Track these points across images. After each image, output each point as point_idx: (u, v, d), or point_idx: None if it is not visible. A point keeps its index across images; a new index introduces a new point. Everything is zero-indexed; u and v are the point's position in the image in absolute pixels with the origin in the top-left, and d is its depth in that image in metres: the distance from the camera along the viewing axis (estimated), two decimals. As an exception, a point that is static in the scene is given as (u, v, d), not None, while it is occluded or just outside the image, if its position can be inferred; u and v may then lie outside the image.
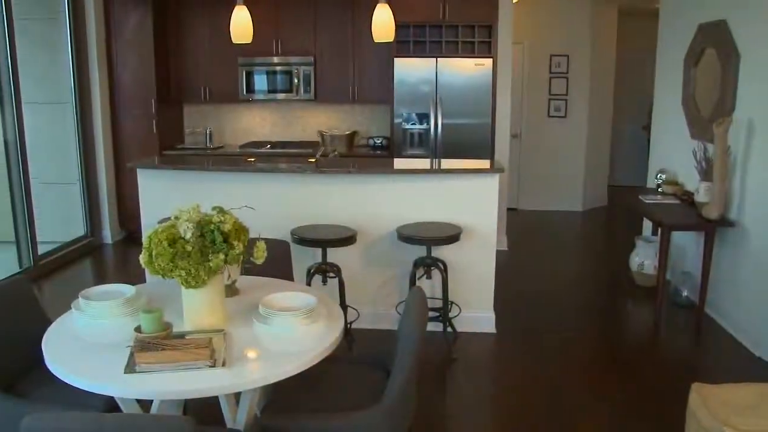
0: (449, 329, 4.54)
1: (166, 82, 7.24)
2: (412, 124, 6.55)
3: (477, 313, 4.77)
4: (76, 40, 6.80)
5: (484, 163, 5.07)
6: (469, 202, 4.61)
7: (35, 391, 2.66)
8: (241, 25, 4.44)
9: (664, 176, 5.88)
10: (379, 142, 7.08)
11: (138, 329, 2.42)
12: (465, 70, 6.41)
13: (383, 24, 4.38)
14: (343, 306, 4.29)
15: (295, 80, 7.04)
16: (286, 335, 2.54)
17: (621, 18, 9.11)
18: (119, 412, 2.41)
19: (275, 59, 7.07)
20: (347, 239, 4.27)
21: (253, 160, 5.29)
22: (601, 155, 9.34)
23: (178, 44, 7.25)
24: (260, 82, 7.12)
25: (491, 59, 6.38)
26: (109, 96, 7.16)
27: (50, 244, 6.50)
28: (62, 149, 6.96)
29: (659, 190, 5.77)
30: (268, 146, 7.14)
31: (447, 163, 5.04)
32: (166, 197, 4.83)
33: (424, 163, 5.33)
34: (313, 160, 4.93)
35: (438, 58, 6.41)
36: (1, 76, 5.78)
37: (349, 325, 4.40)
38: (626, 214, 8.62)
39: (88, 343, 2.56)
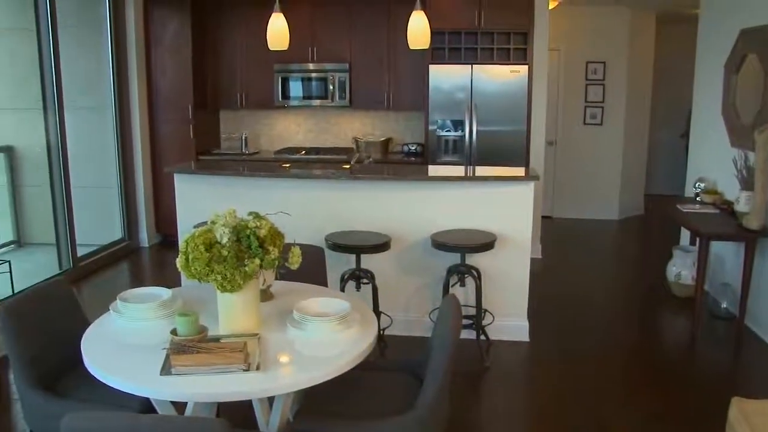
0: (482, 337, 4.51)
1: (203, 88, 7.34)
2: (447, 131, 6.53)
3: (510, 321, 4.73)
4: (116, 47, 6.94)
5: (519, 171, 5.04)
6: (504, 210, 4.58)
7: (74, 390, 2.70)
8: (277, 32, 4.48)
9: (702, 185, 5.78)
10: (413, 148, 7.08)
11: (174, 332, 2.45)
12: (500, 77, 6.38)
13: (419, 31, 4.38)
14: (377, 312, 4.29)
15: (331, 87, 7.08)
16: (320, 340, 2.55)
17: (659, 24, 9.00)
18: (154, 413, 2.44)
19: (311, 66, 7.12)
20: (381, 246, 4.28)
21: (288, 166, 5.32)
22: (638, 163, 9.21)
23: (216, 51, 7.35)
24: (296, 88, 7.18)
25: (527, 66, 6.34)
26: (148, 102, 7.28)
27: (88, 247, 6.63)
28: (101, 154, 7.09)
29: (698, 199, 5.68)
30: (303, 152, 7.19)
31: (481, 171, 5.01)
32: (202, 202, 4.89)
33: (459, 171, 5.31)
34: (348, 166, 4.95)
35: (473, 65, 6.39)
36: (45, 82, 5.92)
37: (382, 332, 4.40)
38: (663, 224, 8.47)
39: (125, 344, 2.60)
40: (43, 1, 5.81)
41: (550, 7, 6.63)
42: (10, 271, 5.39)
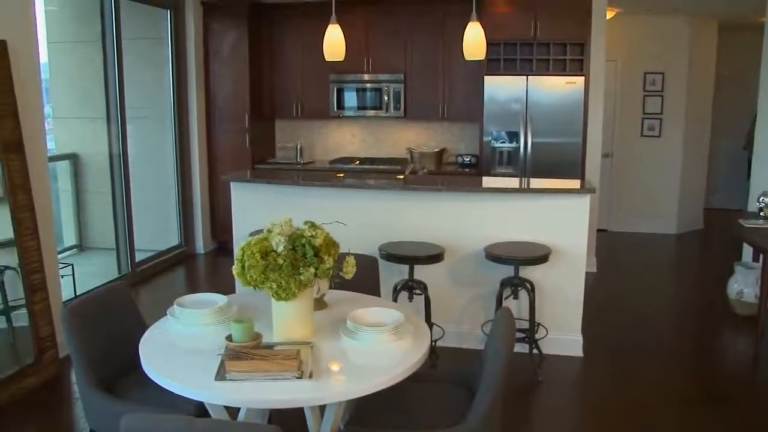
0: (535, 351, 4.45)
1: (259, 98, 7.46)
2: (502, 142, 6.49)
3: (564, 335, 4.65)
4: (176, 59, 7.11)
5: (575, 183, 4.97)
6: (559, 223, 4.52)
7: (132, 392, 2.77)
8: (334, 43, 4.52)
9: (767, 199, 5.60)
10: (467, 160, 7.05)
11: (229, 338, 2.49)
12: (556, 89, 6.31)
13: (474, 42, 4.37)
14: (429, 323, 4.27)
15: (385, 97, 7.11)
16: (373, 350, 2.56)
17: (721, 33, 8.77)
18: (208, 417, 2.48)
19: (366, 76, 7.17)
20: (435, 257, 4.26)
21: (342, 176, 5.36)
22: (697, 176, 8.97)
23: (272, 62, 7.46)
24: (350, 98, 7.23)
25: (583, 77, 6.25)
26: (206, 111, 7.44)
27: (146, 252, 6.79)
28: (160, 162, 7.27)
29: (761, 213, 5.49)
30: (357, 162, 7.23)
31: (536, 183, 4.97)
32: (258, 210, 4.96)
33: (513, 182, 5.27)
34: (402, 177, 4.96)
35: (529, 76, 6.33)
36: (109, 94, 6.11)
37: (434, 343, 4.38)
38: (724, 239, 8.26)
39: (181, 348, 2.66)
40: (109, 15, 6.02)
41: (608, 17, 6.54)
42: (73, 274, 5.56)
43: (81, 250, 7.04)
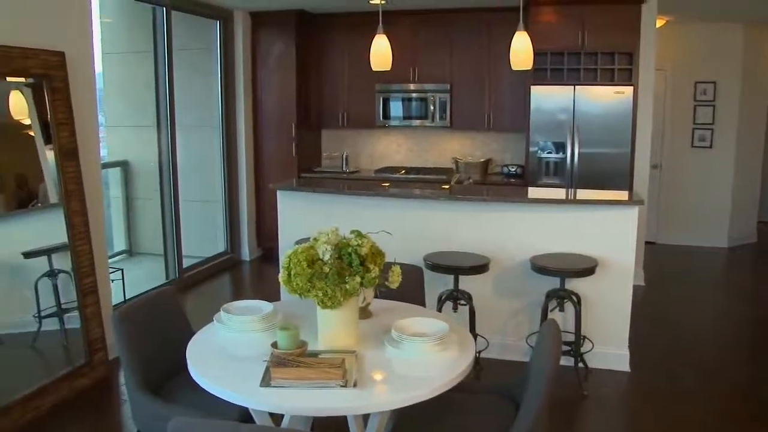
0: (581, 364, 4.38)
1: (306, 108, 7.53)
2: (548, 152, 6.42)
3: (610, 349, 4.57)
4: (225, 69, 7.23)
5: (623, 195, 4.89)
6: (606, 235, 4.45)
7: (178, 395, 2.82)
8: (380, 53, 4.55)
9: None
10: (513, 170, 7.00)
11: (275, 345, 2.51)
12: (604, 99, 6.23)
13: (521, 51, 4.35)
14: (473, 334, 4.24)
15: (431, 107, 7.11)
16: (417, 360, 2.55)
17: (776, 41, 8.55)
18: (252, 422, 2.50)
19: (412, 86, 7.18)
20: (480, 267, 4.24)
21: (387, 185, 5.38)
22: (751, 188, 8.74)
23: (319, 71, 7.53)
24: (396, 108, 7.25)
25: (632, 87, 6.15)
26: (253, 120, 7.54)
27: (193, 258, 6.90)
28: (208, 169, 7.39)
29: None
30: (403, 172, 7.24)
31: (583, 194, 4.90)
32: (303, 218, 5.00)
33: (560, 193, 5.21)
34: (447, 186, 4.95)
35: (576, 86, 6.26)
36: (159, 102, 6.24)
37: (478, 354, 4.35)
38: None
39: (227, 354, 2.69)
40: (160, 26, 6.16)
41: (658, 25, 6.43)
42: (123, 279, 5.68)
43: (130, 256, 7.20)
